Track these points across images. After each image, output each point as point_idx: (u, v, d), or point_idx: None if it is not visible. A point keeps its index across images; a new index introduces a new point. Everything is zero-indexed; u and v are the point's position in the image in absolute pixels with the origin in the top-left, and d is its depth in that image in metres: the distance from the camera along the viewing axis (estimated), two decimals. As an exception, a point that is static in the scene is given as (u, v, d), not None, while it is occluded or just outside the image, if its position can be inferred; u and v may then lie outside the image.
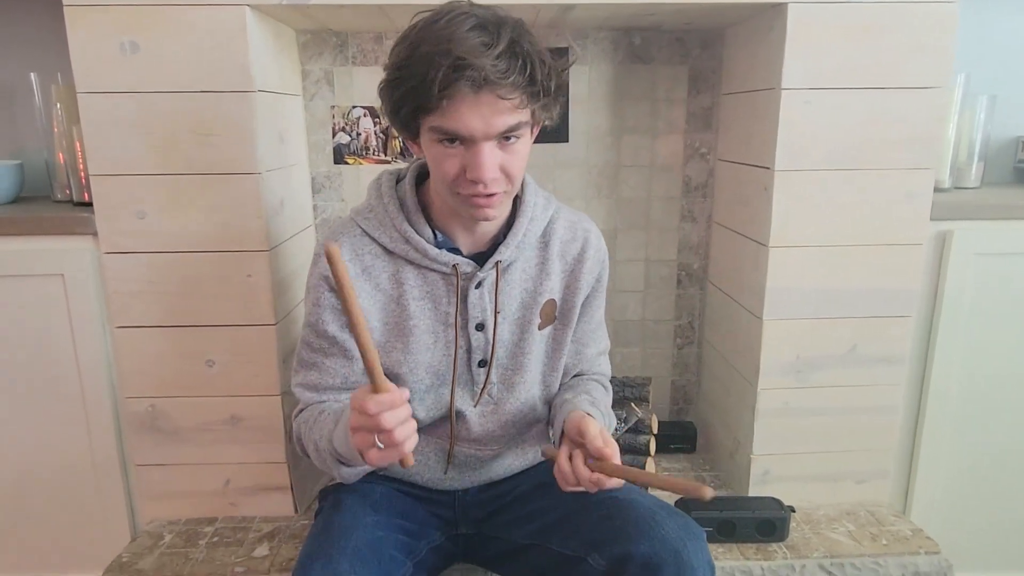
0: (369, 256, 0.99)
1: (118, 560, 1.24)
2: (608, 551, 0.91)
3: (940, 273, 1.35)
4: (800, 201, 1.24)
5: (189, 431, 1.31)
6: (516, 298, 1.02)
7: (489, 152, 0.85)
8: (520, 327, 1.03)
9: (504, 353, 1.03)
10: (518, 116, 0.85)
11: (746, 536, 1.27)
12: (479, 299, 1.00)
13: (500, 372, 1.04)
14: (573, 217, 1.07)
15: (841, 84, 1.19)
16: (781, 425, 1.34)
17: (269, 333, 1.26)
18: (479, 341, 1.01)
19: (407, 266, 0.98)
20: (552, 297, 1.04)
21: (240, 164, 1.18)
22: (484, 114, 0.83)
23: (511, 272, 1.01)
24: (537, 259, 1.03)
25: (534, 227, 1.01)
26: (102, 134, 1.17)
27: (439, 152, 0.87)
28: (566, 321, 1.05)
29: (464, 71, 0.79)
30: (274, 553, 1.26)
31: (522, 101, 0.85)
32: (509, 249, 0.99)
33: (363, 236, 0.99)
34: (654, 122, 1.53)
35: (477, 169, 0.85)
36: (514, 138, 0.87)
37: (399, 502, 1.05)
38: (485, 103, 0.82)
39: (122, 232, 1.21)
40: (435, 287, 0.99)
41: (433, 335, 1.00)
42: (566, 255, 1.05)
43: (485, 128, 0.84)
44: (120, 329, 1.25)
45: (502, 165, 0.87)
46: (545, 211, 1.03)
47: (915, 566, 1.25)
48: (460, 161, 0.86)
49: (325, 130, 1.50)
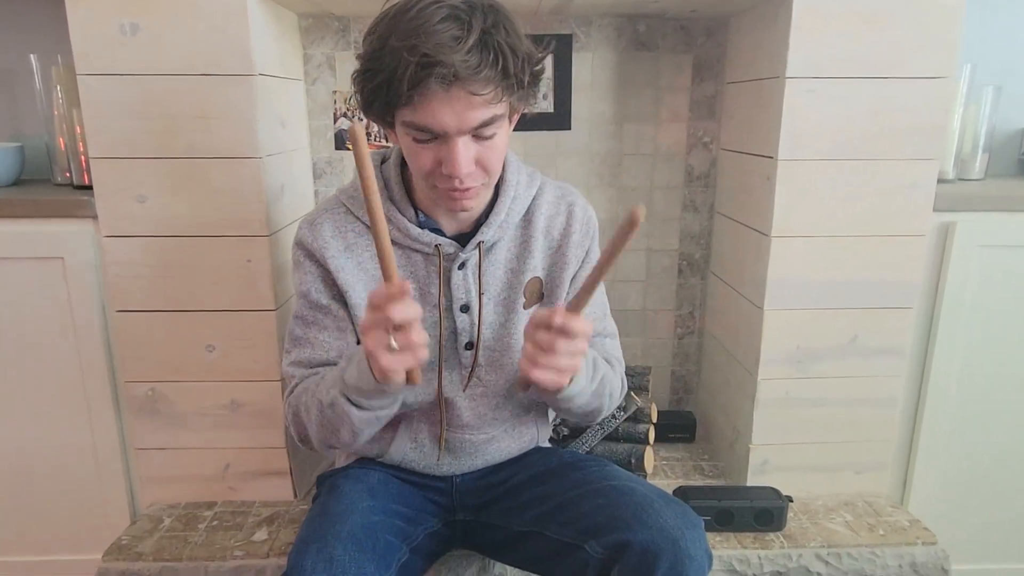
0: (352, 234, 0.99)
1: (117, 543, 1.25)
2: (606, 539, 0.90)
3: (942, 265, 1.35)
4: (803, 191, 1.23)
5: (189, 415, 1.31)
6: (500, 278, 1.02)
7: (464, 147, 0.84)
8: (505, 307, 1.02)
9: (491, 335, 1.03)
10: (492, 110, 0.84)
11: (744, 525, 1.27)
12: (463, 280, 0.99)
13: (487, 354, 1.03)
14: (558, 191, 1.05)
15: (846, 73, 1.18)
16: (781, 415, 1.34)
17: (269, 318, 1.26)
18: (464, 323, 1.01)
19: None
20: (536, 275, 1.03)
21: (241, 148, 1.18)
22: (456, 110, 0.81)
23: (495, 252, 1.01)
24: (521, 238, 1.02)
25: (517, 206, 1.00)
26: (102, 117, 1.16)
27: (413, 147, 0.86)
28: (555, 298, 1.04)
29: (433, 68, 0.78)
30: (273, 537, 1.26)
31: (496, 95, 0.83)
32: (491, 229, 0.98)
33: (347, 214, 0.99)
34: (657, 110, 1.52)
35: (452, 165, 0.84)
36: (489, 132, 0.86)
37: (396, 488, 1.05)
38: (457, 99, 0.81)
39: (122, 216, 1.21)
40: (418, 268, 0.99)
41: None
42: (551, 231, 1.03)
43: (458, 124, 0.82)
44: (120, 313, 1.25)
45: (478, 158, 0.86)
46: (529, 188, 1.02)
47: (912, 556, 1.25)
48: (434, 155, 0.86)
49: (327, 115, 1.49)
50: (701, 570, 0.87)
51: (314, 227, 0.98)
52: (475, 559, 1.20)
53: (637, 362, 1.64)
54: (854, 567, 1.25)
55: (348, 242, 0.98)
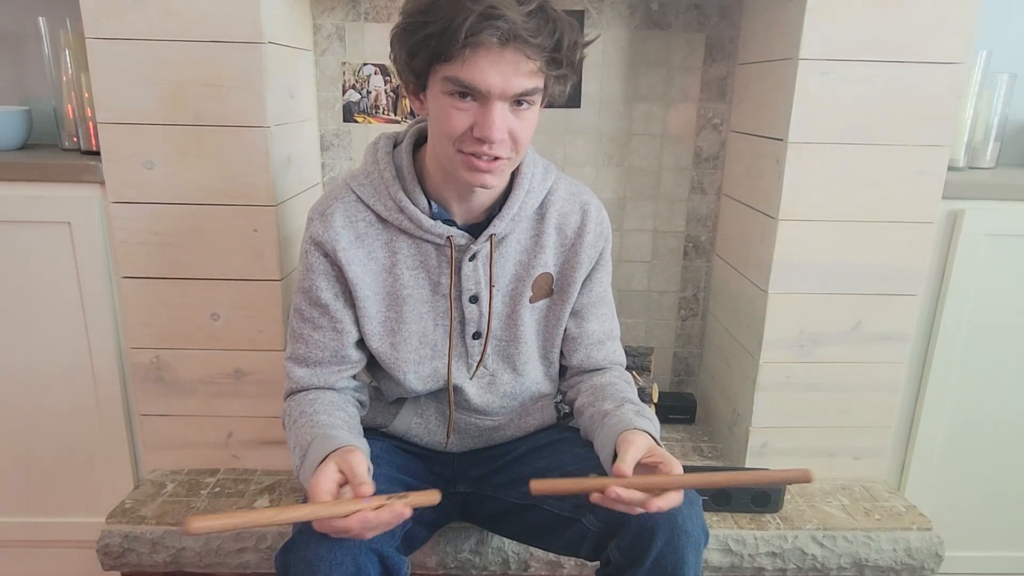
0: (363, 224, 0.97)
1: (121, 506, 1.26)
2: (603, 513, 0.91)
3: (949, 253, 1.34)
4: (812, 174, 1.22)
5: (193, 383, 1.32)
6: (510, 271, 1.01)
7: (501, 112, 0.83)
8: (512, 299, 1.02)
9: (499, 325, 1.03)
10: (536, 81, 0.83)
11: (741, 506, 1.28)
12: (473, 272, 0.98)
13: (495, 344, 1.04)
14: (573, 188, 1.04)
15: (860, 56, 1.17)
16: (781, 399, 1.35)
17: (274, 288, 1.26)
18: (473, 313, 1.01)
19: (401, 235, 0.97)
20: (547, 271, 1.02)
21: (248, 117, 1.17)
22: (505, 71, 0.81)
23: (506, 245, 1.00)
24: (533, 231, 1.01)
25: (531, 199, 0.99)
26: (111, 81, 1.16)
27: (448, 105, 0.84)
28: (565, 296, 1.04)
29: (494, 21, 0.77)
30: (275, 505, 1.28)
31: (542, 66, 0.82)
32: (504, 222, 0.97)
33: (357, 203, 0.97)
34: (668, 90, 1.51)
35: (487, 128, 0.83)
36: (526, 104, 0.85)
37: (398, 457, 1.06)
38: (508, 60, 0.80)
39: (129, 182, 1.21)
40: (428, 258, 0.98)
41: (428, 304, 1.00)
42: (564, 228, 1.02)
43: (503, 86, 0.81)
44: (126, 279, 1.26)
45: (511, 130, 0.85)
46: (543, 182, 1.00)
47: (907, 542, 1.26)
48: (470, 118, 0.84)
49: (335, 87, 1.48)
50: (697, 546, 0.88)
51: (325, 218, 0.96)
52: (473, 531, 1.21)
53: (640, 343, 1.64)
54: (849, 550, 1.26)
55: (359, 232, 0.97)
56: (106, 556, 1.22)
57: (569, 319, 1.06)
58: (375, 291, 0.98)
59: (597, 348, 1.07)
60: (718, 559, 1.25)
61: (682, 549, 0.87)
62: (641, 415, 0.93)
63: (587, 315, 1.06)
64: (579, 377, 1.09)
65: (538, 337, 1.06)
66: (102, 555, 1.22)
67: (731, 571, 1.26)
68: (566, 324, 1.06)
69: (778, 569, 1.26)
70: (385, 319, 0.99)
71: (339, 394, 1.00)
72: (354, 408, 1.01)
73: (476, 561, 1.21)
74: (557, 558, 1.22)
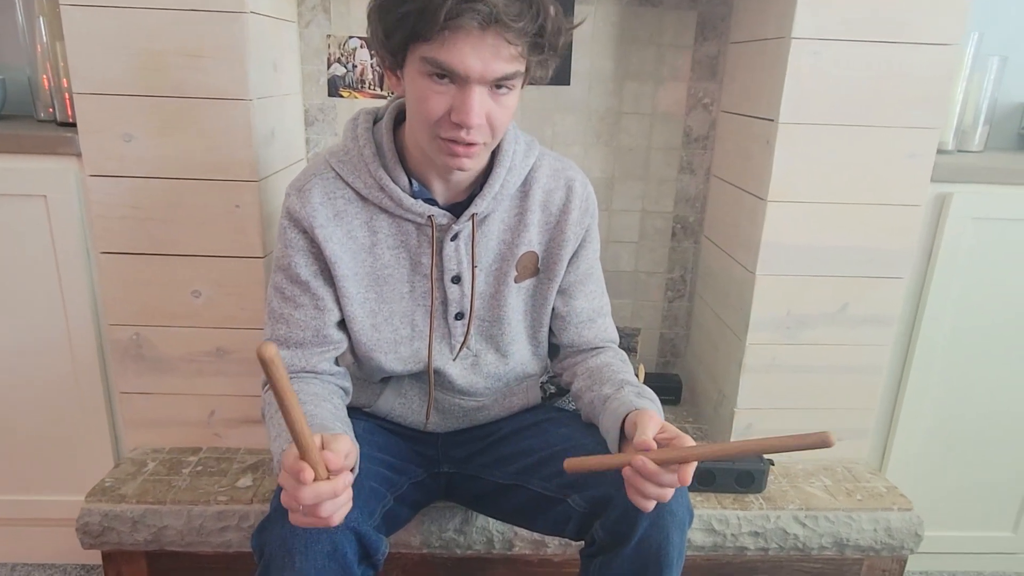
0: (342, 201, 0.94)
1: (100, 485, 1.25)
2: (589, 493, 0.91)
3: (936, 236, 1.34)
4: (802, 156, 1.22)
5: (174, 361, 1.30)
6: (493, 250, 0.99)
7: (480, 97, 0.81)
8: (496, 279, 1.00)
9: (482, 306, 1.01)
10: (516, 65, 0.81)
11: (725, 487, 1.29)
12: (455, 252, 0.97)
13: (478, 325, 1.02)
14: (557, 164, 1.01)
15: (853, 36, 1.15)
16: (767, 380, 1.35)
17: (257, 265, 1.24)
18: (455, 294, 0.99)
19: (381, 214, 0.95)
20: (531, 250, 1.00)
21: (230, 89, 1.15)
22: (485, 56, 0.78)
23: (488, 224, 0.98)
24: (516, 210, 0.99)
25: (512, 177, 0.96)
26: (87, 51, 1.12)
27: (425, 87, 0.82)
28: (551, 275, 1.02)
29: (474, 3, 0.75)
30: (257, 484, 1.27)
31: (524, 50, 0.80)
32: (486, 201, 0.95)
33: (336, 179, 0.95)
34: (658, 68, 1.49)
35: (465, 113, 0.81)
36: (506, 89, 0.83)
37: (381, 437, 1.05)
38: (489, 44, 0.78)
39: (107, 155, 1.17)
40: (409, 237, 0.96)
41: (409, 284, 0.98)
42: (549, 205, 1.00)
43: (482, 70, 0.79)
44: (104, 255, 1.23)
45: (488, 115, 0.83)
46: (526, 159, 0.98)
47: (887, 521, 1.27)
48: (447, 101, 0.82)
49: (320, 60, 1.45)
50: (682, 526, 0.89)
51: (303, 194, 0.93)
52: (458, 511, 1.21)
53: (627, 324, 1.64)
54: (830, 530, 1.27)
55: (337, 209, 0.94)
56: (85, 535, 1.21)
57: (557, 297, 1.04)
58: (354, 271, 0.96)
59: (587, 326, 1.06)
60: (701, 539, 1.26)
61: (667, 529, 0.87)
62: (642, 396, 0.92)
63: (575, 293, 1.05)
64: (573, 359, 1.07)
65: (525, 317, 1.05)
66: (81, 534, 1.21)
67: (714, 551, 1.27)
68: (554, 303, 1.05)
69: (760, 548, 1.27)
70: (365, 299, 0.97)
71: (323, 384, 0.97)
72: (339, 399, 0.98)
73: (460, 540, 1.21)
74: (541, 538, 1.23)
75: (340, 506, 0.74)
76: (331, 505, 0.72)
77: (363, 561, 0.86)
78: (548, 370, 1.16)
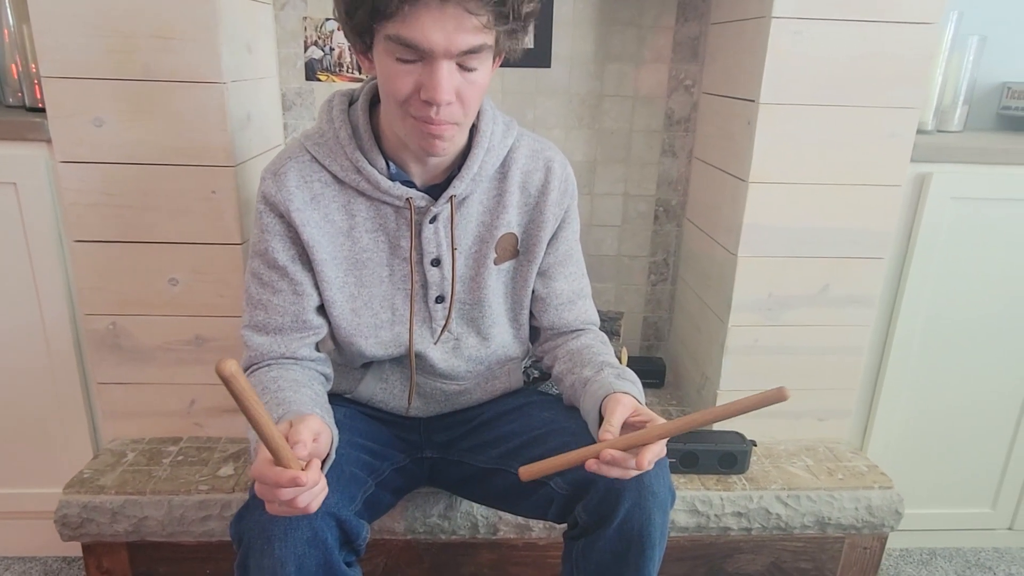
0: (319, 184, 0.93)
1: (79, 476, 1.23)
2: (571, 475, 0.91)
3: (916, 216, 1.35)
4: (783, 136, 1.21)
5: (152, 350, 1.28)
6: (472, 232, 0.98)
7: (447, 72, 0.79)
8: (476, 261, 0.99)
9: (462, 289, 1.00)
10: (482, 37, 0.79)
11: (708, 468, 1.29)
12: (434, 234, 0.96)
13: (459, 308, 1.01)
14: (536, 145, 1.00)
15: (833, 15, 1.15)
16: (749, 362, 1.36)
17: (235, 252, 1.22)
18: (435, 277, 0.98)
19: (359, 197, 0.94)
20: (511, 231, 1.00)
21: (203, 72, 1.12)
22: (447, 28, 0.77)
23: (467, 206, 0.97)
24: (495, 191, 0.98)
25: (491, 158, 0.95)
26: (55, 33, 1.09)
27: (392, 67, 0.81)
28: (531, 256, 1.01)
29: None
30: (239, 473, 1.25)
31: (489, 21, 0.78)
32: (464, 183, 0.94)
33: (312, 162, 0.93)
34: (639, 50, 1.48)
35: (433, 89, 0.79)
36: (474, 63, 0.81)
37: (363, 423, 1.04)
38: (450, 16, 0.76)
39: (78, 140, 1.15)
40: (387, 220, 0.95)
41: (388, 268, 0.97)
42: (528, 186, 0.99)
43: (446, 44, 0.78)
44: (78, 243, 1.21)
45: (458, 91, 0.81)
46: (504, 139, 0.97)
47: (868, 500, 1.29)
48: (415, 79, 0.80)
49: (297, 43, 1.42)
50: (664, 507, 0.89)
51: (278, 177, 0.92)
52: (442, 496, 1.21)
53: (610, 308, 1.64)
54: (812, 509, 1.28)
55: (314, 192, 0.93)
56: (65, 527, 1.19)
57: (536, 279, 1.04)
58: (332, 255, 0.94)
59: (567, 308, 1.05)
60: (684, 520, 1.26)
61: (649, 509, 0.87)
62: (622, 378, 0.92)
63: (554, 274, 1.04)
64: (554, 342, 1.07)
65: (505, 300, 1.04)
66: (60, 525, 1.19)
67: (697, 531, 1.28)
68: (534, 285, 1.04)
69: (743, 529, 1.28)
70: (344, 284, 0.96)
71: (303, 369, 0.96)
72: (320, 385, 0.96)
73: (445, 526, 1.21)
74: (526, 521, 1.23)
75: (316, 495, 0.73)
76: (307, 496, 0.72)
77: (344, 547, 0.85)
78: (530, 354, 1.15)
